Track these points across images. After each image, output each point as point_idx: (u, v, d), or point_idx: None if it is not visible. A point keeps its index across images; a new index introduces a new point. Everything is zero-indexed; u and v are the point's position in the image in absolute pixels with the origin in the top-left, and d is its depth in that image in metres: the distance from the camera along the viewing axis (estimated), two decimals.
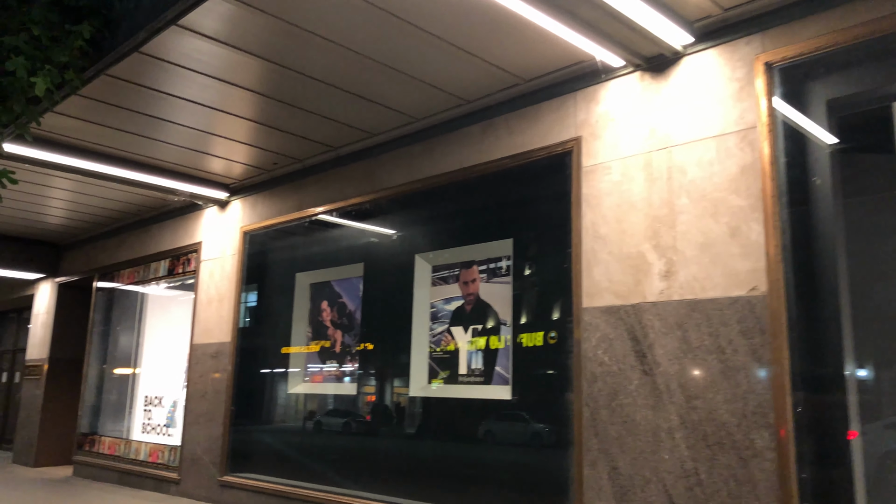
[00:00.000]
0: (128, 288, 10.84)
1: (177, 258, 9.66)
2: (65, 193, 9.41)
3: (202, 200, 8.88)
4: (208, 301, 8.80)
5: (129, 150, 7.54)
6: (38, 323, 12.80)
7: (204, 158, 7.79)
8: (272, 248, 8.49)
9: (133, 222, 10.52)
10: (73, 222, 10.93)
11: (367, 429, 7.14)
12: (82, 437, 11.01)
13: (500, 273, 6.04)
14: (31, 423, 12.32)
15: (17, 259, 11.99)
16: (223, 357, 8.39)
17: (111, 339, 11.22)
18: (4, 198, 9.51)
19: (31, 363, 12.73)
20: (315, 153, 7.44)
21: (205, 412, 8.49)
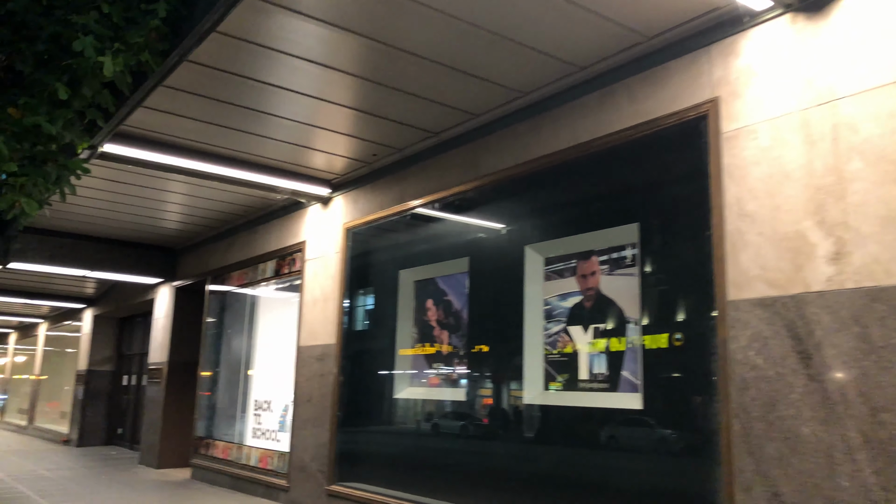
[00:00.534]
0: (237, 290, 10.78)
1: (283, 258, 9.45)
2: (178, 197, 9.43)
3: (305, 198, 8.59)
4: (313, 302, 8.48)
5: (229, 146, 7.31)
6: (158, 327, 13.07)
7: (305, 153, 7.45)
8: (375, 245, 8.06)
9: (241, 224, 10.43)
10: (187, 226, 11.01)
11: (480, 435, 6.53)
12: (198, 441, 11.06)
13: (624, 263, 5.27)
14: (154, 425, 12.59)
15: (137, 264, 12.26)
16: (328, 359, 8.03)
17: (224, 342, 11.22)
18: (124, 204, 9.69)
19: (153, 366, 13.02)
20: (415, 140, 6.91)
21: (311, 417, 8.17)
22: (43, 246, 11.35)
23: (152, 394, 12.92)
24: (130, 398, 16.60)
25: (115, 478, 11.14)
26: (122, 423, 16.93)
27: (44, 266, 11.54)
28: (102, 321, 17.35)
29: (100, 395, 17.20)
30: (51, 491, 9.68)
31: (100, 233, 11.58)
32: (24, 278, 15.09)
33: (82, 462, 13.49)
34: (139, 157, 7.22)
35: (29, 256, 11.26)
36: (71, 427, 17.61)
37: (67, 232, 11.49)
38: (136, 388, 16.32)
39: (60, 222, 10.99)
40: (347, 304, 8.03)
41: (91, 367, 17.19)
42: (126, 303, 15.24)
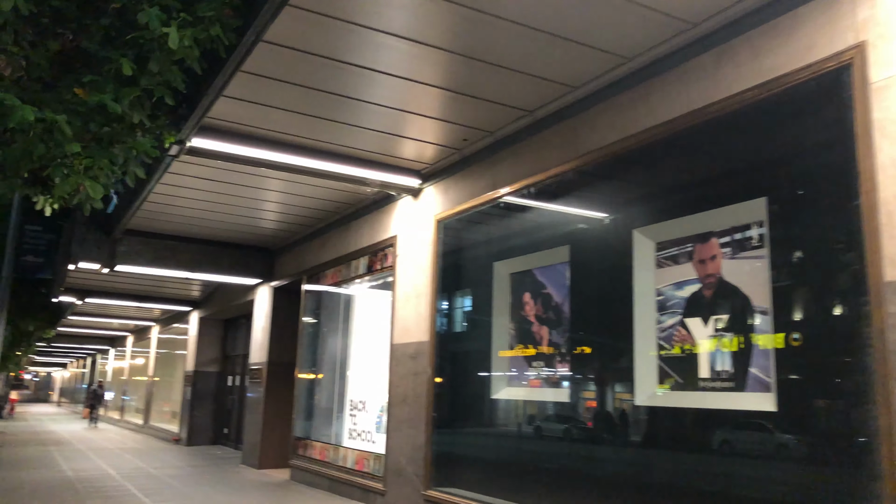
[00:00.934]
0: (332, 288, 10.62)
1: (375, 254, 9.17)
2: (274, 195, 9.36)
3: (395, 190, 8.27)
4: (405, 298, 8.14)
5: (317, 137, 7.08)
6: (258, 327, 13.15)
7: (394, 142, 7.13)
8: (467, 237, 7.63)
9: (334, 221, 10.26)
10: (283, 225, 10.95)
11: (586, 438, 5.97)
12: (297, 441, 10.97)
13: (749, 245, 4.59)
14: (255, 425, 12.65)
15: (237, 265, 12.36)
16: (422, 358, 7.66)
17: (320, 342, 11.09)
18: (223, 204, 9.70)
19: (254, 367, 13.10)
20: (508, 120, 6.43)
21: (406, 418, 7.82)
22: (146, 248, 11.59)
23: (253, 394, 13.00)
24: (235, 398, 16.90)
25: (216, 478, 11.22)
26: (227, 423, 17.28)
27: (147, 268, 11.78)
28: (208, 323, 17.79)
29: (206, 395, 17.63)
30: (155, 489, 9.79)
31: (200, 234, 11.72)
32: (136, 282, 15.61)
33: (188, 461, 13.76)
34: (227, 152, 7.08)
35: (133, 259, 11.51)
36: (181, 426, 18.14)
37: (169, 234, 11.69)
38: (241, 388, 16.59)
39: (162, 224, 11.18)
40: (443, 300, 7.64)
41: (198, 368, 17.65)
42: (229, 304, 15.50)
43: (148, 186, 8.69)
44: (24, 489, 9.62)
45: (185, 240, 11.85)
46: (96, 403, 26.72)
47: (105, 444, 17.92)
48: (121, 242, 11.43)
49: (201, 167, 8.07)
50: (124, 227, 11.01)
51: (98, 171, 3.36)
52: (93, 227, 11.48)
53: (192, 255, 11.92)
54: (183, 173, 8.30)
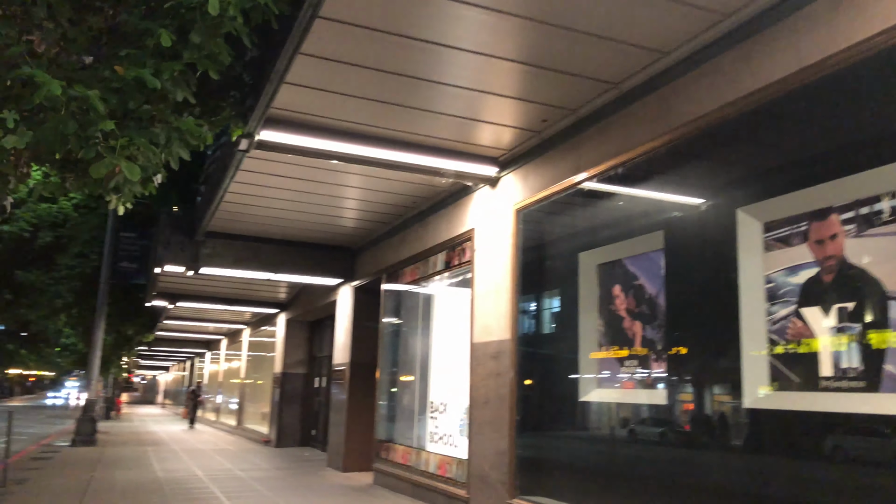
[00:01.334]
0: (410, 286, 10.29)
1: (452, 249, 8.77)
2: (352, 192, 9.14)
3: (471, 180, 7.84)
4: (484, 294, 7.70)
5: (388, 126, 6.75)
6: (340, 328, 13.00)
7: (470, 128, 6.72)
8: (549, 226, 7.12)
9: (411, 217, 9.93)
10: (362, 223, 10.73)
11: (684, 444, 5.35)
12: (379, 444, 10.70)
13: (878, 220, 3.91)
14: (339, 427, 12.49)
15: (317, 265, 12.24)
16: (503, 357, 7.19)
17: (400, 342, 10.79)
18: (303, 202, 9.56)
19: (337, 368, 12.96)
20: (592, 96, 5.89)
21: (489, 421, 7.37)
22: (228, 250, 11.61)
23: (337, 395, 12.86)
24: (322, 400, 16.89)
25: (300, 481, 11.09)
26: (315, 425, 17.30)
27: (230, 270, 11.81)
28: (294, 325, 17.89)
29: (294, 397, 17.72)
30: (237, 492, 9.72)
31: (281, 235, 11.66)
32: (224, 285, 15.82)
33: (275, 463, 13.77)
34: (297, 144, 6.84)
35: (216, 261, 11.55)
36: (270, 428, 18.32)
37: (250, 235, 11.68)
38: (327, 389, 16.55)
39: (243, 226, 11.16)
40: (525, 296, 7.15)
41: (285, 369, 17.77)
42: (314, 305, 15.47)
43: (223, 185, 8.60)
44: (115, 489, 9.74)
45: (266, 241, 11.81)
46: (195, 405, 27.56)
47: (198, 445, 18.29)
48: (204, 245, 11.49)
49: (275, 163, 7.90)
50: (206, 229, 11.06)
51: (136, 152, 3.09)
52: (177, 231, 11.60)
53: (274, 255, 11.87)
54: (258, 171, 8.16)
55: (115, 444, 17.57)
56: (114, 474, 11.36)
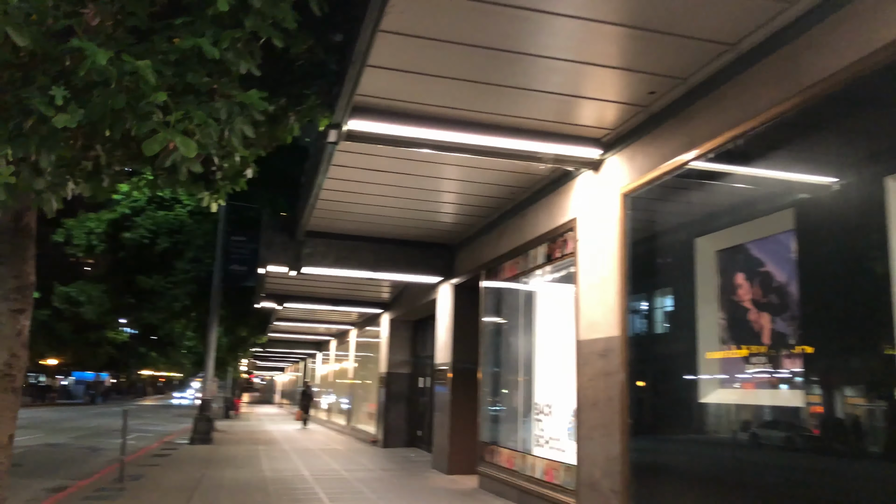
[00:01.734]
0: (510, 282, 9.82)
1: (553, 241, 8.25)
2: (450, 185, 8.82)
3: (572, 164, 7.30)
4: (590, 287, 7.14)
5: (482, 108, 6.35)
6: (441, 327, 12.70)
7: (570, 106, 6.22)
8: (660, 211, 6.50)
9: (510, 209, 9.47)
10: (461, 217, 10.38)
11: (819, 451, 4.63)
12: (483, 447, 10.29)
13: None
14: (443, 428, 12.18)
15: (417, 263, 11.99)
16: (612, 355, 6.62)
17: (502, 340, 10.34)
18: (402, 198, 9.35)
19: (439, 368, 12.67)
20: (705, 60, 5.26)
21: (598, 424, 6.81)
22: (329, 249, 11.56)
23: (439, 396, 12.57)
24: (426, 400, 16.69)
25: (404, 483, 10.86)
26: (420, 425, 17.12)
27: (330, 269, 11.76)
28: (397, 324, 17.79)
29: (400, 397, 17.62)
30: (341, 494, 9.57)
31: (380, 233, 11.50)
32: (328, 285, 15.92)
33: (381, 464, 13.64)
34: (387, 133, 6.54)
35: (317, 260, 11.52)
36: (377, 428, 18.31)
37: (350, 234, 11.58)
38: (431, 390, 16.34)
39: (342, 224, 11.06)
40: (635, 288, 6.55)
41: (390, 369, 17.70)
42: (415, 305, 15.29)
43: (317, 181, 8.46)
44: (223, 487, 9.83)
45: (365, 239, 11.68)
46: (307, 405, 28.03)
47: (309, 444, 18.54)
48: (304, 244, 11.49)
49: (368, 156, 7.67)
50: (305, 228, 11.03)
51: (192, 126, 2.84)
52: (279, 231, 11.66)
53: (373, 254, 11.72)
54: (350, 165, 7.96)
55: (229, 443, 18.07)
56: (224, 472, 11.53)
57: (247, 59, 3.25)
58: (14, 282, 3.69)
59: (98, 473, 11.18)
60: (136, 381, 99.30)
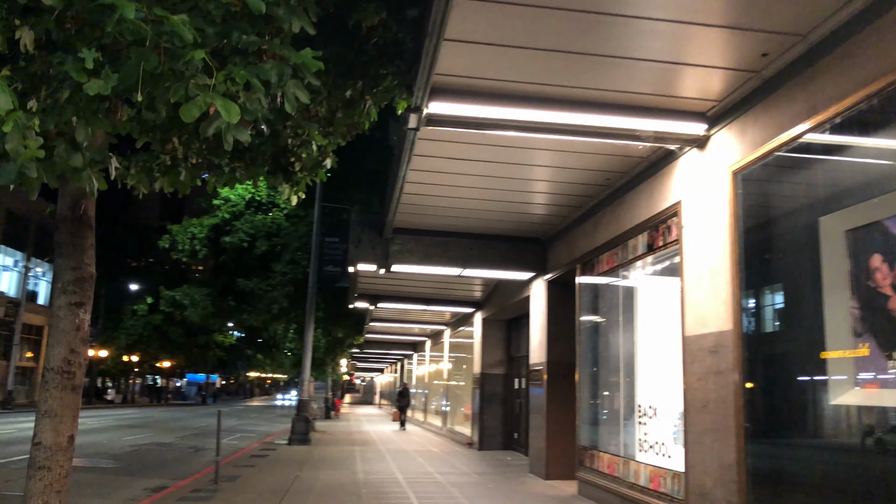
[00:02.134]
0: (608, 276, 9.20)
1: (655, 228, 7.61)
2: (540, 171, 8.39)
3: (675, 142, 6.67)
4: (697, 278, 6.49)
5: (573, 83, 5.87)
6: (535, 325, 12.17)
7: (671, 75, 5.66)
8: (775, 189, 5.80)
9: (605, 197, 8.87)
10: (552, 208, 9.85)
11: None
12: (582, 451, 9.71)
13: None
14: (539, 431, 11.65)
15: (507, 258, 11.52)
16: (724, 352, 5.95)
17: (600, 338, 9.73)
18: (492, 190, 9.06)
19: (533, 368, 12.15)
20: (830, 10, 4.58)
21: (709, 429, 6.15)
22: (417, 246, 11.27)
23: (535, 397, 12.04)
24: (522, 402, 16.18)
25: (500, 488, 10.40)
26: (516, 428, 16.62)
27: (419, 266, 11.48)
28: (490, 324, 17.37)
29: (495, 398, 17.18)
30: (434, 499, 9.23)
31: (469, 228, 11.11)
32: (420, 284, 15.72)
33: (476, 467, 13.24)
34: (470, 116, 6.16)
35: (405, 258, 11.26)
36: (472, 430, 17.94)
37: (438, 230, 11.25)
38: (526, 391, 15.83)
39: (430, 220, 10.76)
40: (749, 277, 5.87)
41: (484, 370, 17.29)
42: (508, 303, 14.82)
43: (400, 173, 8.17)
44: (314, 489, 9.68)
45: (453, 235, 11.32)
46: (404, 406, 27.59)
47: (404, 446, 18.38)
48: (392, 242, 11.25)
49: (452, 144, 7.32)
50: (392, 225, 10.79)
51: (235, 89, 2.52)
52: (367, 229, 11.49)
53: (462, 250, 11.33)
54: (434, 154, 7.63)
55: (326, 444, 18.15)
56: (317, 474, 11.43)
57: (300, 15, 2.92)
58: (72, 273, 3.54)
59: (197, 474, 11.32)
60: (244, 383, 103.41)
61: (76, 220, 3.57)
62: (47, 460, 3.36)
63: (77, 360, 3.51)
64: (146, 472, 11.73)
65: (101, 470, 11.80)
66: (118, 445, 16.58)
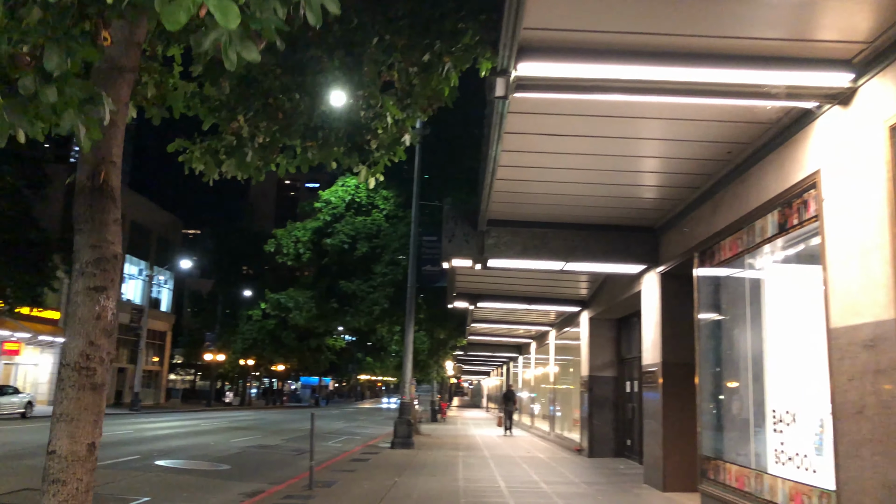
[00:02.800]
0: (731, 265, 8.13)
1: (787, 205, 6.54)
2: (650, 146, 7.55)
3: (812, 98, 5.62)
4: (844, 258, 5.43)
5: (683, 31, 4.99)
6: (648, 323, 11.14)
7: (809, 13, 4.73)
8: None
9: (726, 173, 7.82)
10: (664, 189, 8.86)
11: None
12: (705, 461, 8.64)
13: None
14: (654, 438, 10.62)
15: (614, 250, 10.56)
16: (885, 345, 4.89)
17: (723, 335, 8.65)
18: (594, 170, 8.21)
19: (647, 369, 11.12)
20: None
21: (867, 439, 5.09)
22: (515, 238, 10.52)
23: (649, 401, 11.01)
24: (635, 406, 15.07)
25: (612, 501, 9.48)
26: (629, 434, 15.51)
27: (518, 261, 10.73)
28: (598, 323, 16.33)
29: (604, 402, 16.12)
30: None
31: (571, 218, 10.26)
32: (523, 282, 14.95)
33: (586, 476, 12.31)
34: (566, 77, 5.42)
35: (502, 251, 10.52)
36: (581, 435, 16.94)
37: (537, 221, 10.46)
38: (639, 394, 14.72)
39: (528, 209, 10.01)
40: None
41: (592, 373, 16.27)
42: (617, 300, 13.79)
43: (491, 155, 7.47)
44: (411, 498, 9.12)
45: (554, 226, 10.49)
46: (511, 410, 26.33)
47: (509, 451, 17.62)
48: (488, 235, 10.55)
49: (546, 118, 6.59)
50: (486, 216, 10.09)
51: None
52: (461, 222, 10.86)
53: (565, 242, 10.48)
54: (527, 131, 6.89)
55: (430, 448, 17.65)
56: (416, 481, 10.88)
57: None
58: (92, 252, 3.05)
59: (294, 478, 11.01)
60: (355, 385, 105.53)
61: (96, 191, 3.11)
62: (62, 472, 2.89)
63: (98, 355, 3.03)
64: (245, 476, 11.56)
65: (200, 472, 11.73)
66: (224, 447, 16.70)
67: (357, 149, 5.61)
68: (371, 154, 5.61)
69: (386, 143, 5.57)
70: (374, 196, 23.55)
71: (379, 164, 5.76)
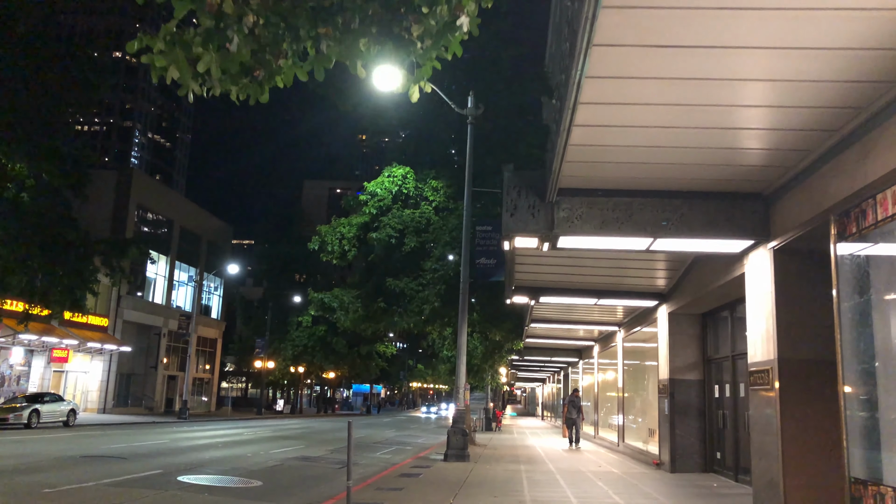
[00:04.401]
0: (889, 229, 6.14)
1: None
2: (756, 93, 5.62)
3: None
4: None
5: None
6: (756, 312, 9.12)
7: None
8: None
9: (880, 109, 5.83)
10: (778, 137, 6.87)
11: None
12: (859, 486, 6.62)
13: None
14: (767, 453, 8.60)
15: (712, 222, 8.56)
16: None
17: (876, 325, 6.60)
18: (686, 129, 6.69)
19: (755, 369, 9.10)
20: None
21: None
22: (591, 210, 8.65)
23: (758, 407, 8.99)
24: (726, 413, 13.00)
25: None
26: (720, 446, 13.43)
27: (595, 238, 8.85)
28: (679, 319, 14.28)
29: (688, 409, 14.07)
30: None
31: (661, 181, 8.31)
32: (594, 271, 13.05)
33: (671, 496, 10.34)
34: None
35: (577, 226, 8.66)
36: (660, 447, 14.89)
37: (619, 188, 8.58)
38: (733, 400, 12.65)
39: (609, 173, 8.18)
40: None
41: (673, 375, 14.22)
42: (705, 290, 11.78)
43: (568, 103, 5.69)
44: None
45: (639, 194, 8.59)
46: (574, 419, 23.35)
47: (577, 464, 15.68)
48: (558, 206, 8.72)
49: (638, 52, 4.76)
50: (558, 183, 8.25)
51: None
52: (526, 191, 9.03)
53: (653, 213, 8.55)
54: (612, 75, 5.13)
55: (487, 460, 15.85)
56: (475, 502, 9.10)
57: None
58: None
59: (331, 499, 9.35)
60: (407, 393, 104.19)
61: None
62: None
63: None
64: (275, 495, 9.95)
65: (224, 491, 10.14)
66: (261, 459, 15.17)
67: (393, 40, 3.89)
68: (413, 47, 3.88)
69: (434, 30, 3.84)
70: (423, 187, 21.87)
71: (425, 66, 4.03)
